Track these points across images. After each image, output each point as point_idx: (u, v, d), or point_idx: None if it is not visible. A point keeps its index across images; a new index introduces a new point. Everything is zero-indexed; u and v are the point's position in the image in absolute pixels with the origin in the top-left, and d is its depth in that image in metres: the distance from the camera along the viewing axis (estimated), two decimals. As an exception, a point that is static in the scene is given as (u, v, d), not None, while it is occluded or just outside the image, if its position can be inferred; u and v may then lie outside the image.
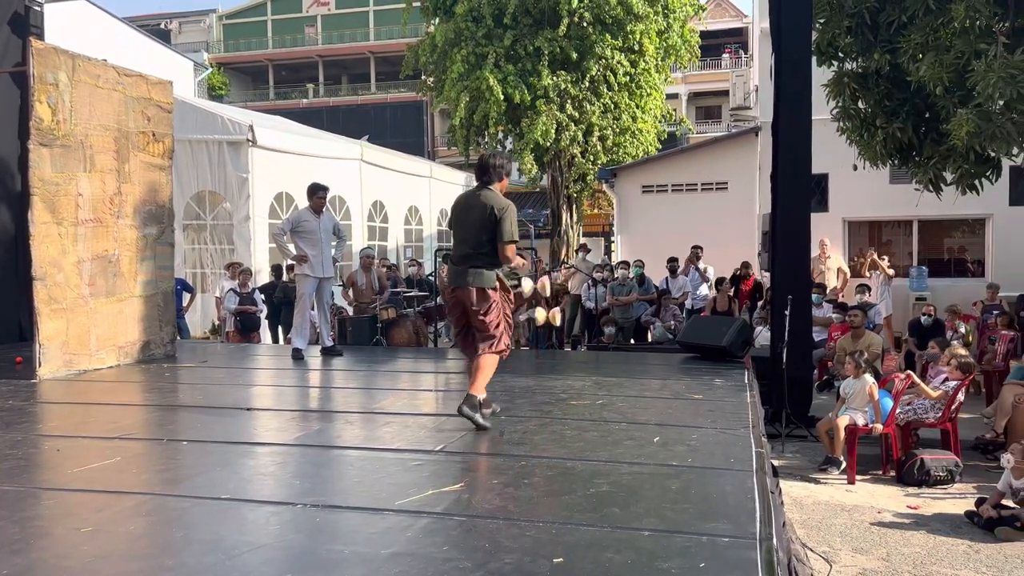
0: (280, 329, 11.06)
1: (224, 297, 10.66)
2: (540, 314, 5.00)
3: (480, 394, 4.54)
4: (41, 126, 6.44)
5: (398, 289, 10.57)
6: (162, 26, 39.13)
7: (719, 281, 11.79)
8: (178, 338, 8.97)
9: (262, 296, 10.93)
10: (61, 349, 6.64)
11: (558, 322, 5.15)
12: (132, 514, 3.22)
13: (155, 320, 7.71)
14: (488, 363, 4.60)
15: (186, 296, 11.15)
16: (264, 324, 11.06)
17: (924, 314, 10.18)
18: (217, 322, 11.76)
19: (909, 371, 7.61)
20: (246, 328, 10.57)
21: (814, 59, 8.70)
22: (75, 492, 3.53)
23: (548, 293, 4.92)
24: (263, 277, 11.78)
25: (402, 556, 2.72)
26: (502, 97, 17.11)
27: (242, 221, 12.14)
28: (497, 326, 4.62)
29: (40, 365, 6.44)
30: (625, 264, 12.05)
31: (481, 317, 4.61)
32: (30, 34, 8.33)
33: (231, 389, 6.44)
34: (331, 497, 3.43)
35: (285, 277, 10.91)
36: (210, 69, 33.66)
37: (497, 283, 4.63)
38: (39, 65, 6.42)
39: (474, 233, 4.63)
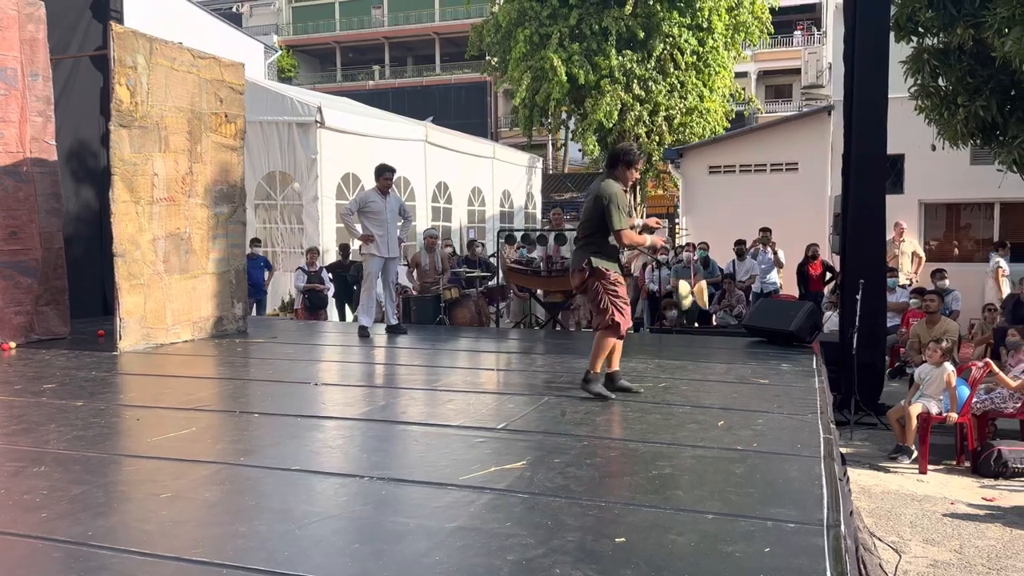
0: (347, 307, 11.28)
1: (294, 275, 10.95)
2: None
3: (595, 370, 4.85)
4: (121, 108, 6.67)
5: (459, 269, 10.64)
6: (234, 9, 39.98)
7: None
8: (252, 313, 9.22)
9: (329, 275, 11.16)
10: (140, 323, 6.91)
11: (705, 298, 5.42)
12: (207, 482, 3.34)
13: (227, 296, 7.95)
14: (599, 341, 4.87)
15: (266, 273, 11.50)
16: (331, 302, 11.29)
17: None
18: (287, 299, 12.08)
19: (988, 359, 7.34)
20: (313, 306, 10.82)
21: (891, 34, 8.39)
22: (154, 459, 3.68)
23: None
24: (331, 256, 12.01)
25: (466, 530, 2.76)
26: (565, 77, 16.97)
27: (311, 201, 12.38)
28: (604, 308, 4.85)
29: (120, 338, 6.72)
30: (690, 247, 11.86)
31: (590, 297, 4.98)
32: (110, 18, 8.61)
33: (300, 364, 6.61)
34: (396, 471, 3.50)
35: (351, 257, 11.11)
36: (280, 52, 34.26)
37: (589, 267, 4.84)
38: (119, 48, 6.63)
39: (584, 219, 4.99)
